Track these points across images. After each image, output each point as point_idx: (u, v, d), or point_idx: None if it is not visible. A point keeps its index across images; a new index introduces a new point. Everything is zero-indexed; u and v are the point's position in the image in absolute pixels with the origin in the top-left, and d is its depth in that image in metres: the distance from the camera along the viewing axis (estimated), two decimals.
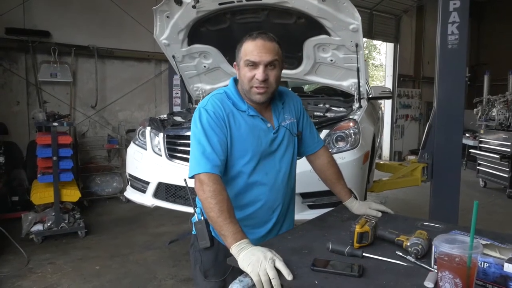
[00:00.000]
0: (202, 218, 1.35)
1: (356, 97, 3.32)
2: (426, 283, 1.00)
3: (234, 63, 1.50)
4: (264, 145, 1.48)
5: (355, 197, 1.75)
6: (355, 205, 1.65)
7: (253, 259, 1.11)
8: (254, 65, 1.40)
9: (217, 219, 1.25)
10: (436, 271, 1.03)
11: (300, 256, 1.21)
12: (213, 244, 1.34)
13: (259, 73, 1.40)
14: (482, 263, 1.02)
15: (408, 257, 1.17)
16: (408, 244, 1.20)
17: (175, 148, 3.03)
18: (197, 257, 1.52)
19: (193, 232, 1.53)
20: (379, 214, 1.58)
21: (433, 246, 1.09)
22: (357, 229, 1.26)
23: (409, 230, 1.31)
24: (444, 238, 0.98)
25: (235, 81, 1.54)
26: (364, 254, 1.20)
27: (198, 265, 1.51)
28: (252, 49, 1.40)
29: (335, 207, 1.73)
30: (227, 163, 1.43)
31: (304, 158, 1.77)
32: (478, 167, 6.84)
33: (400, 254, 1.20)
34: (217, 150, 1.37)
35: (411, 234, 1.24)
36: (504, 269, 0.99)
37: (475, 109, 7.14)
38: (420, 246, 1.17)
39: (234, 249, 1.18)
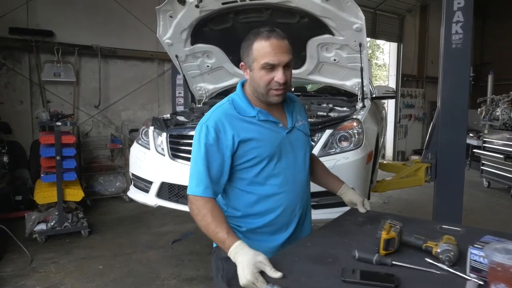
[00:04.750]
0: None
1: (359, 96, 3.30)
2: None
3: (241, 63, 1.40)
4: (280, 147, 1.42)
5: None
6: (350, 191, 1.64)
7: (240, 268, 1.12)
8: (272, 67, 1.31)
9: (207, 232, 1.29)
10: (471, 279, 1.00)
11: (326, 265, 1.16)
12: None
13: (279, 76, 1.31)
14: None
15: (440, 265, 1.12)
16: (439, 250, 1.15)
17: (178, 148, 3.02)
18: (219, 265, 1.45)
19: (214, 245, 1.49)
20: (363, 210, 1.58)
21: (469, 253, 1.05)
22: (384, 235, 1.19)
23: (432, 235, 1.26)
24: (494, 247, 0.93)
25: (242, 85, 1.46)
26: (393, 262, 1.14)
27: (221, 274, 1.44)
28: (269, 50, 1.30)
29: (347, 210, 1.68)
30: (243, 170, 1.40)
31: None
32: (482, 167, 6.80)
33: (430, 261, 1.14)
34: (212, 173, 1.34)
35: (437, 240, 1.19)
36: None
37: (479, 109, 7.13)
38: (452, 253, 1.12)
39: (231, 255, 1.20)
